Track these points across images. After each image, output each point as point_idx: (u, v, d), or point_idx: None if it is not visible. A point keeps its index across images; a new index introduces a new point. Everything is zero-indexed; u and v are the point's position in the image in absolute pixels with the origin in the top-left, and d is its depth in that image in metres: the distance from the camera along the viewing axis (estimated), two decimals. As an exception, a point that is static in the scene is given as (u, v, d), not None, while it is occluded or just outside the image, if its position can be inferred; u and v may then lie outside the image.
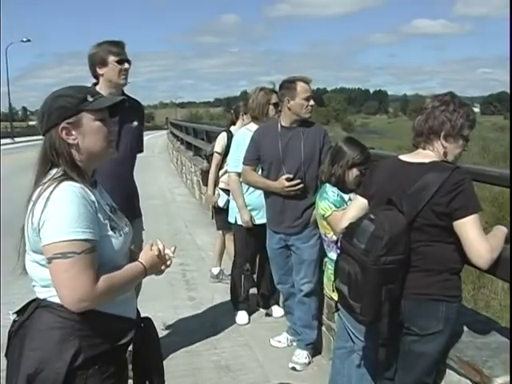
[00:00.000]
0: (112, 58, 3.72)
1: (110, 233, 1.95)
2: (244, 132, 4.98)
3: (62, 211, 1.80)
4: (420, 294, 2.50)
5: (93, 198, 1.92)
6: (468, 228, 2.36)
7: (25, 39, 54.09)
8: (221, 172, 5.95)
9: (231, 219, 5.20)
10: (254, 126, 4.81)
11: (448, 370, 2.68)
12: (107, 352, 1.93)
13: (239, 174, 4.75)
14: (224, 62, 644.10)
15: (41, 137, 2.01)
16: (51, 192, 1.83)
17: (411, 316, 2.52)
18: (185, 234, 8.39)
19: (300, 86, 4.04)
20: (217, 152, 5.90)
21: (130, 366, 2.16)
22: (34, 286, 1.95)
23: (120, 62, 3.73)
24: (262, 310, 5.35)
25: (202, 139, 12.53)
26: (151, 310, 4.72)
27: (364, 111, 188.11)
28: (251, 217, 4.88)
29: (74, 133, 1.94)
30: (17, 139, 45.02)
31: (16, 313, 1.98)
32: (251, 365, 4.31)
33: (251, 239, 5.02)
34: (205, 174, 6.32)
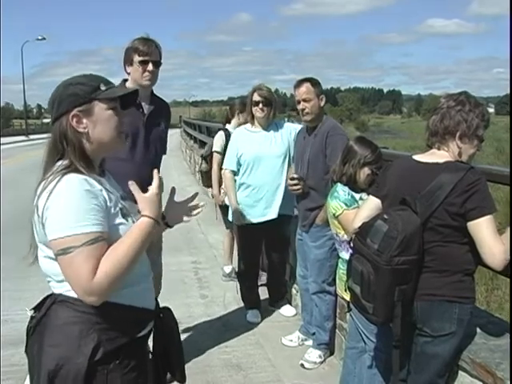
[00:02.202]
0: (137, 58, 3.59)
1: (123, 220, 1.92)
2: (241, 131, 5.06)
3: (62, 206, 1.77)
4: (433, 295, 2.48)
5: (99, 187, 1.88)
6: (482, 229, 2.34)
7: (40, 37, 54.30)
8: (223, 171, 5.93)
9: (231, 218, 5.24)
10: (248, 126, 4.98)
11: (460, 372, 2.66)
12: (127, 345, 1.91)
13: (233, 172, 4.94)
14: (238, 60, 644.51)
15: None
16: (54, 186, 1.80)
17: (424, 317, 2.51)
18: (197, 232, 8.40)
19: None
20: (216, 151, 5.88)
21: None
22: (49, 281, 1.93)
23: (144, 63, 3.59)
24: (273, 308, 5.35)
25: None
26: (163, 307, 4.76)
27: (377, 111, 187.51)
28: (242, 215, 4.93)
29: (84, 121, 1.91)
30: (31, 136, 45.29)
31: (33, 309, 1.97)
32: (262, 363, 4.32)
33: (251, 237, 5.06)
34: (205, 175, 6.29)
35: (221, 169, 5.78)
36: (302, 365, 4.23)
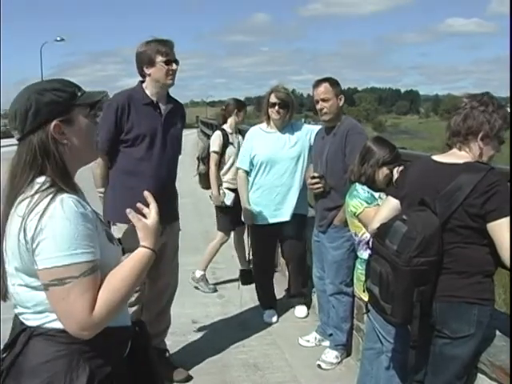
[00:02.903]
0: (160, 59, 3.64)
1: (110, 244, 1.79)
2: (256, 130, 5.07)
3: (59, 230, 1.58)
4: (452, 297, 2.47)
5: (89, 208, 1.72)
6: (502, 230, 2.32)
7: (58, 38, 54.60)
8: (222, 171, 5.91)
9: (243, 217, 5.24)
10: (264, 125, 4.97)
11: (479, 375, 2.64)
12: (118, 366, 1.78)
13: (246, 172, 4.95)
14: (256, 61, 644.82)
15: None
16: (46, 207, 1.59)
17: (443, 319, 2.49)
18: (214, 232, 8.38)
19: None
20: (214, 151, 5.83)
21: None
22: (21, 313, 1.72)
23: (168, 63, 3.65)
24: (290, 309, 5.35)
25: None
26: (180, 307, 4.79)
27: (395, 111, 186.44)
28: (253, 215, 4.94)
29: (66, 131, 1.71)
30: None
31: (3, 349, 1.72)
32: (279, 364, 4.31)
33: (262, 237, 5.06)
34: (203, 177, 6.14)
35: (219, 169, 5.83)
36: (319, 365, 4.22)
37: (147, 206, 1.92)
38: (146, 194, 1.92)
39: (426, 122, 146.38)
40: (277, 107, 4.73)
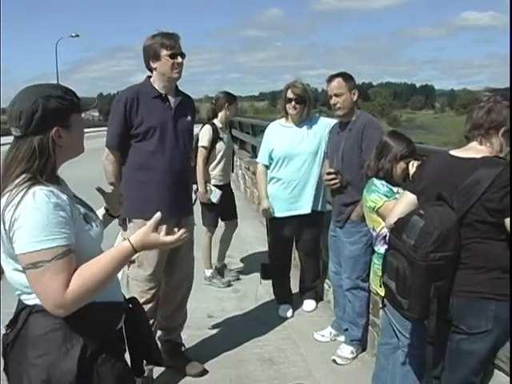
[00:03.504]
0: (165, 52, 3.64)
1: (87, 226, 1.93)
2: (275, 125, 5.09)
3: (31, 220, 1.74)
4: (469, 292, 2.45)
5: (64, 197, 1.86)
6: None
7: (73, 34, 54.85)
8: (210, 167, 5.84)
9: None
10: (283, 120, 5.00)
11: (496, 371, 2.62)
12: (109, 340, 1.96)
13: (266, 166, 4.99)
14: (269, 55, 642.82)
15: (90, 129, 2.01)
16: (20, 199, 1.76)
17: (460, 314, 2.48)
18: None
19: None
20: (203, 146, 5.72)
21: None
22: (19, 294, 1.91)
23: (173, 56, 3.65)
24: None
25: (248, 133, 12.55)
26: (195, 301, 4.81)
27: (410, 106, 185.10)
28: (271, 208, 4.96)
29: (63, 135, 1.90)
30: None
31: (7, 326, 1.94)
32: (294, 358, 4.32)
33: (279, 231, 5.08)
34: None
35: (206, 164, 5.74)
36: (334, 360, 4.23)
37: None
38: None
39: (441, 116, 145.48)
40: (293, 103, 4.75)
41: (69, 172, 2.06)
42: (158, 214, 1.98)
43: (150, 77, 3.79)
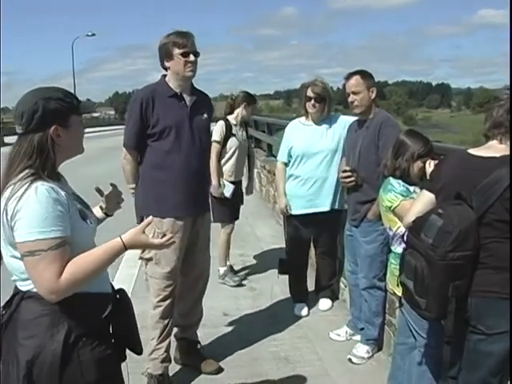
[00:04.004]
0: (177, 51, 3.64)
1: (82, 222, 2.07)
2: (295, 123, 5.11)
3: (32, 211, 1.90)
4: (488, 292, 2.43)
5: (63, 193, 2.01)
6: None
7: (90, 33, 55.12)
8: (222, 162, 5.86)
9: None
10: (303, 119, 5.01)
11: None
12: (93, 327, 2.08)
13: (285, 164, 5.02)
14: (284, 54, 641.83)
15: (107, 128, 2.08)
16: (23, 192, 1.92)
17: (478, 314, 2.46)
18: (245, 225, 8.41)
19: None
20: (215, 141, 5.69)
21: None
22: (15, 280, 2.07)
23: (185, 55, 3.64)
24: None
25: (263, 131, 12.53)
26: (211, 299, 4.81)
27: (426, 105, 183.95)
28: (288, 205, 4.99)
29: (62, 134, 2.04)
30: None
31: (3, 307, 2.10)
32: (310, 357, 4.32)
33: (296, 228, 5.09)
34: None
35: (219, 159, 5.77)
36: (350, 359, 4.22)
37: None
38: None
39: (457, 115, 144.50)
40: (313, 101, 4.76)
41: (86, 169, 2.11)
42: (150, 218, 2.17)
43: (165, 76, 3.80)
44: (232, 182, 5.87)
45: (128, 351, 2.32)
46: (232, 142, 5.86)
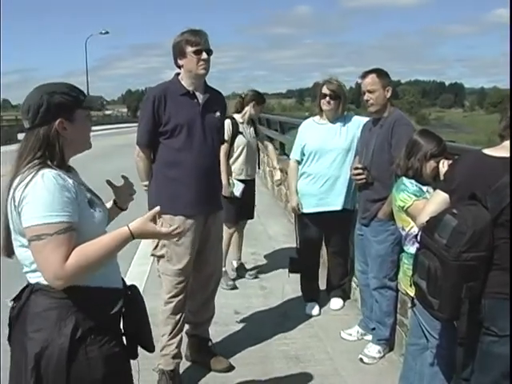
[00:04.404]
0: (190, 49, 3.65)
1: (91, 210, 2.09)
2: (309, 122, 5.12)
3: (38, 197, 1.92)
4: (501, 294, 2.41)
5: (71, 181, 2.04)
6: None
7: (103, 31, 55.30)
8: (231, 160, 5.84)
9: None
10: (317, 118, 5.02)
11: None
12: (102, 322, 2.08)
13: (298, 162, 5.02)
14: (297, 53, 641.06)
15: (119, 125, 2.08)
16: (30, 179, 1.95)
17: (491, 316, 2.44)
18: (257, 224, 8.41)
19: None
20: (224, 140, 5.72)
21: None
22: (25, 272, 2.08)
23: (198, 53, 3.65)
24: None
25: (276, 130, 12.54)
26: (223, 297, 4.83)
27: (439, 104, 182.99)
28: (299, 204, 4.99)
29: (67, 128, 2.07)
30: (94, 127, 46.41)
31: (13, 300, 2.12)
32: (321, 356, 4.31)
33: (308, 227, 5.09)
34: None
35: (228, 158, 5.74)
36: (361, 359, 4.21)
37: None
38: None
39: (470, 115, 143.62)
40: (328, 98, 4.76)
41: (99, 165, 2.13)
42: (157, 207, 2.15)
43: (178, 74, 3.81)
44: (243, 181, 5.85)
45: (140, 349, 2.33)
46: (240, 141, 5.84)
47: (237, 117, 5.92)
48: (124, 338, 2.26)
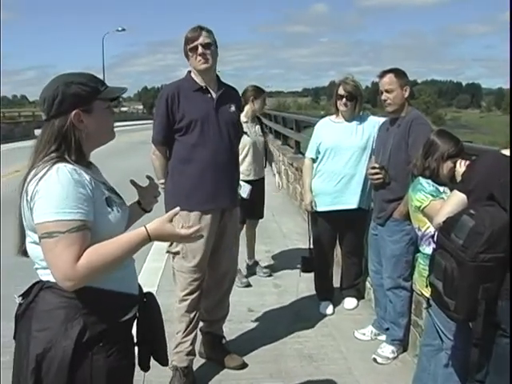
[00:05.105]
0: (188, 47, 3.69)
1: (108, 209, 1.97)
2: (325, 121, 5.12)
3: (51, 192, 1.83)
4: (519, 295, 2.40)
5: (87, 177, 1.94)
6: None
7: (120, 28, 55.53)
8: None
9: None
10: (333, 117, 5.02)
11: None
12: (111, 329, 1.97)
13: (313, 160, 5.02)
14: (314, 51, 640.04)
15: (135, 122, 2.04)
16: (44, 173, 1.86)
17: (508, 317, 2.43)
18: (271, 222, 8.42)
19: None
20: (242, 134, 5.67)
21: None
22: (36, 268, 1.99)
23: (194, 49, 3.66)
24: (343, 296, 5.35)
25: (291, 128, 12.54)
26: (237, 295, 4.84)
27: (455, 105, 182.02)
28: (313, 202, 4.99)
29: (84, 120, 1.98)
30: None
31: (21, 296, 2.02)
32: (334, 356, 4.30)
33: (322, 225, 5.09)
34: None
35: None
36: (375, 359, 4.20)
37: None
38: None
39: (487, 116, 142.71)
40: (344, 99, 4.76)
41: (115, 163, 2.11)
42: (177, 208, 2.04)
43: (190, 71, 3.83)
44: (251, 181, 5.78)
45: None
46: (245, 141, 5.63)
47: (241, 116, 5.85)
48: (136, 348, 2.17)
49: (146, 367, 2.23)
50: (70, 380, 1.88)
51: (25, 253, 2.02)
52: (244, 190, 5.65)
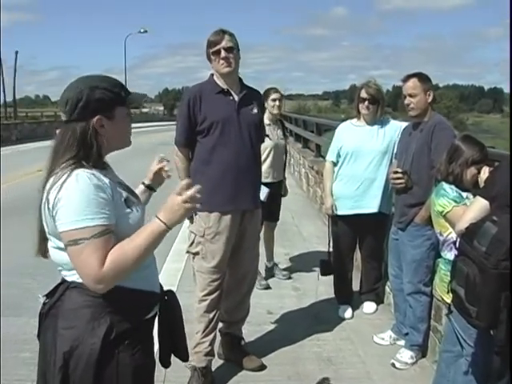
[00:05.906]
0: (210, 51, 3.72)
1: (128, 210, 1.99)
2: (346, 125, 5.13)
3: (73, 199, 1.84)
4: (541, 304, 2.38)
5: (106, 180, 1.95)
6: None
7: (142, 30, 55.86)
8: None
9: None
10: (355, 120, 5.03)
11: None
12: (136, 327, 2.00)
13: (334, 163, 5.03)
14: (334, 55, 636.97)
15: (155, 123, 2.04)
16: (64, 181, 1.87)
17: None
18: (291, 225, 8.43)
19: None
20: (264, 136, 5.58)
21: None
22: (60, 270, 2.02)
23: (217, 53, 3.69)
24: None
25: (312, 131, 12.53)
26: (257, 297, 4.85)
27: (477, 109, 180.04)
28: (333, 205, 5.00)
29: (105, 125, 1.98)
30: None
31: (46, 295, 2.05)
32: (352, 359, 4.30)
33: (341, 229, 5.09)
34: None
35: None
36: (393, 364, 4.18)
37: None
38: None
39: (507, 121, 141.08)
40: (366, 103, 4.77)
41: (135, 163, 2.12)
42: (187, 180, 2.01)
43: (212, 74, 3.86)
44: (269, 184, 5.75)
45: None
46: (266, 143, 5.63)
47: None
48: (157, 344, 2.19)
49: (167, 363, 2.25)
50: (96, 377, 1.90)
51: (44, 254, 2.05)
52: (262, 193, 5.64)
